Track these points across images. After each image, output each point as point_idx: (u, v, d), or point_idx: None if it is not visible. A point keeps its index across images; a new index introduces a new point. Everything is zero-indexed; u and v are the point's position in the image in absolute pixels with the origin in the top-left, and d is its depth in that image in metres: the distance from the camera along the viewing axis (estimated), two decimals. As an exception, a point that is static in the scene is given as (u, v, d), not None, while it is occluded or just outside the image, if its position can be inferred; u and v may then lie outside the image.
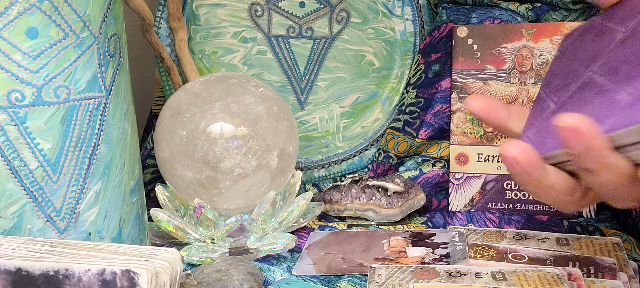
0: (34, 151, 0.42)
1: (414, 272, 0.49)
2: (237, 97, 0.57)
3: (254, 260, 0.55)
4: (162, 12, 0.68)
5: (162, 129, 0.58)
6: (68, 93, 0.43)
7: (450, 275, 0.48)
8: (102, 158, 0.45)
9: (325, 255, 0.56)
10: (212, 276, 0.48)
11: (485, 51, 0.64)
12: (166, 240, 0.59)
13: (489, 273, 0.48)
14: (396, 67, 0.71)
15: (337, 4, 0.70)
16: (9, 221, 0.43)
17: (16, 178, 0.42)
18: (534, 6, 0.65)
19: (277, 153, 0.57)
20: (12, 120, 0.42)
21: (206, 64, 0.70)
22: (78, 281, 0.36)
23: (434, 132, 0.67)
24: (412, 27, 0.70)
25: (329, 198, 0.65)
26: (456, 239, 0.56)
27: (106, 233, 0.46)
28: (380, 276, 0.49)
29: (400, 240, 0.58)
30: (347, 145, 0.72)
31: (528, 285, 0.47)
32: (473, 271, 0.48)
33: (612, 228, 0.58)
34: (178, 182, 0.58)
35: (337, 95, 0.71)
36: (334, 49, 0.71)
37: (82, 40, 0.43)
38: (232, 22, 0.70)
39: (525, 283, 0.47)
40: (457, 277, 0.48)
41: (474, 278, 0.47)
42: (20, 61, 0.41)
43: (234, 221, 0.56)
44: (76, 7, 0.42)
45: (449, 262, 0.52)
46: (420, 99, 0.68)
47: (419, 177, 0.68)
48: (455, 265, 0.51)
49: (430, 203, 0.67)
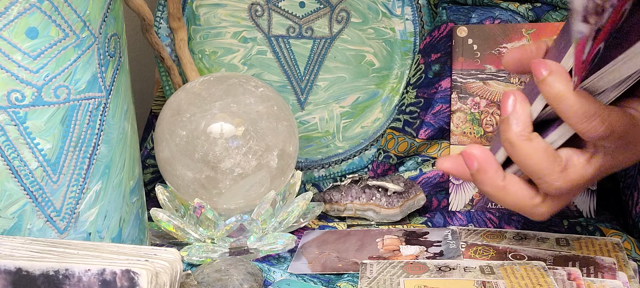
0: (34, 151, 0.42)
1: (404, 267, 0.50)
2: (237, 97, 0.57)
3: (254, 260, 0.55)
4: (162, 12, 0.68)
5: (162, 129, 0.58)
6: (68, 93, 0.43)
7: (439, 269, 0.49)
8: (102, 158, 0.45)
9: (320, 254, 0.56)
10: (212, 276, 0.48)
11: (485, 51, 0.64)
12: (166, 240, 0.59)
13: (477, 268, 0.49)
14: (396, 67, 0.71)
15: (337, 4, 0.70)
16: (9, 221, 0.43)
17: (16, 178, 0.42)
18: (534, 6, 0.65)
19: (277, 153, 0.57)
20: (12, 120, 0.42)
21: (206, 64, 0.70)
22: (78, 281, 0.36)
23: (434, 132, 0.67)
24: (412, 27, 0.70)
25: (329, 198, 0.65)
26: (449, 237, 0.57)
27: (106, 233, 0.46)
28: (371, 271, 0.50)
29: (394, 238, 0.58)
30: (347, 145, 0.72)
31: (515, 278, 0.47)
32: (462, 265, 0.49)
33: (612, 228, 0.58)
34: (178, 182, 0.58)
35: (337, 95, 0.71)
36: (334, 49, 0.71)
37: (82, 40, 0.43)
38: (232, 22, 0.70)
39: (513, 277, 0.48)
40: (446, 272, 0.49)
41: (463, 272, 0.48)
42: (20, 61, 0.41)
43: (234, 221, 0.56)
44: (76, 7, 0.42)
45: (447, 262, 0.52)
46: (420, 99, 0.68)
47: (419, 177, 0.68)
48: (444, 260, 0.51)
49: (430, 203, 0.67)
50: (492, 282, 0.47)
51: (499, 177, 0.43)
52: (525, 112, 0.42)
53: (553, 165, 0.41)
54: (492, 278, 0.47)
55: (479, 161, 0.43)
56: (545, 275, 0.47)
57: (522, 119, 0.42)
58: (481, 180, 0.43)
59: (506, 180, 0.43)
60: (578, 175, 0.41)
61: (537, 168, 0.41)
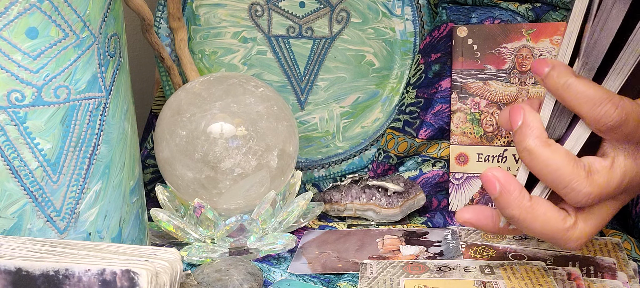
0: (34, 151, 0.42)
1: (404, 267, 0.50)
2: (237, 97, 0.57)
3: (254, 260, 0.55)
4: (162, 12, 0.68)
5: (162, 129, 0.58)
6: (68, 93, 0.43)
7: (439, 269, 0.49)
8: (102, 158, 0.45)
9: (320, 254, 0.56)
10: (212, 276, 0.48)
11: (485, 51, 0.64)
12: (166, 240, 0.59)
13: (477, 268, 0.49)
14: (396, 67, 0.71)
15: (337, 4, 0.70)
16: (9, 221, 0.43)
17: (16, 178, 0.42)
18: (534, 6, 0.65)
19: (277, 153, 0.57)
20: (12, 120, 0.42)
21: (206, 64, 0.70)
22: (78, 281, 0.36)
23: (434, 132, 0.67)
24: (412, 27, 0.70)
25: (329, 198, 0.65)
26: (449, 238, 0.57)
27: (106, 233, 0.46)
28: (371, 271, 0.50)
29: (394, 238, 0.58)
30: (347, 145, 0.72)
31: (515, 278, 0.47)
32: (462, 265, 0.49)
33: (612, 228, 0.58)
34: (178, 182, 0.58)
35: (337, 95, 0.71)
36: (334, 49, 0.71)
37: (82, 40, 0.43)
38: (232, 22, 0.70)
39: (513, 277, 0.48)
40: (446, 272, 0.49)
41: (463, 272, 0.48)
42: (20, 61, 0.41)
43: (234, 221, 0.56)
44: (76, 7, 0.42)
45: (448, 262, 0.52)
46: (420, 99, 0.68)
47: (419, 177, 0.68)
48: (444, 260, 0.51)
49: (430, 203, 0.67)
50: (492, 282, 0.47)
51: (525, 197, 0.41)
52: (536, 119, 0.41)
53: (577, 169, 0.39)
54: (492, 278, 0.48)
55: (501, 182, 0.41)
56: (545, 275, 0.47)
57: (535, 126, 0.41)
58: (506, 202, 0.41)
59: (533, 200, 0.41)
60: (604, 179, 0.40)
61: (560, 173, 0.39)
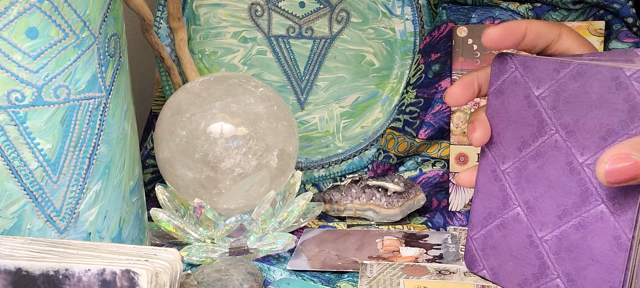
0: (34, 151, 0.42)
1: (405, 269, 0.50)
2: (237, 97, 0.57)
3: (254, 260, 0.55)
4: (162, 12, 0.68)
5: (162, 129, 0.58)
6: (68, 93, 0.43)
7: (439, 273, 0.49)
8: (102, 158, 0.45)
9: (319, 251, 0.56)
10: (212, 276, 0.48)
11: (485, 51, 0.64)
12: (166, 240, 0.59)
13: None
14: (396, 67, 0.71)
15: (337, 4, 0.70)
16: (9, 221, 0.43)
17: (16, 178, 0.42)
18: (534, 6, 0.65)
19: (277, 153, 0.57)
20: (12, 120, 0.42)
21: (206, 64, 0.70)
22: (78, 281, 0.36)
23: (434, 132, 0.67)
24: (412, 27, 0.70)
25: (329, 198, 0.65)
26: (449, 241, 0.57)
27: (106, 233, 0.46)
28: (371, 271, 0.50)
29: (394, 239, 0.58)
30: (347, 145, 0.72)
31: None
32: (462, 270, 0.49)
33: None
34: (178, 182, 0.58)
35: (337, 95, 0.71)
36: (334, 49, 0.71)
37: (82, 40, 0.43)
38: (232, 22, 0.70)
39: None
40: (446, 275, 0.49)
41: (463, 276, 0.48)
42: (20, 61, 0.41)
43: (234, 221, 0.56)
44: (76, 7, 0.42)
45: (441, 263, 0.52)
46: (420, 99, 0.68)
47: (419, 177, 0.68)
48: (444, 264, 0.51)
49: (430, 203, 0.67)
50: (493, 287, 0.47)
51: None
52: None
53: None
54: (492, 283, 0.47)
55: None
56: None
57: None
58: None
59: None
60: None
61: None
